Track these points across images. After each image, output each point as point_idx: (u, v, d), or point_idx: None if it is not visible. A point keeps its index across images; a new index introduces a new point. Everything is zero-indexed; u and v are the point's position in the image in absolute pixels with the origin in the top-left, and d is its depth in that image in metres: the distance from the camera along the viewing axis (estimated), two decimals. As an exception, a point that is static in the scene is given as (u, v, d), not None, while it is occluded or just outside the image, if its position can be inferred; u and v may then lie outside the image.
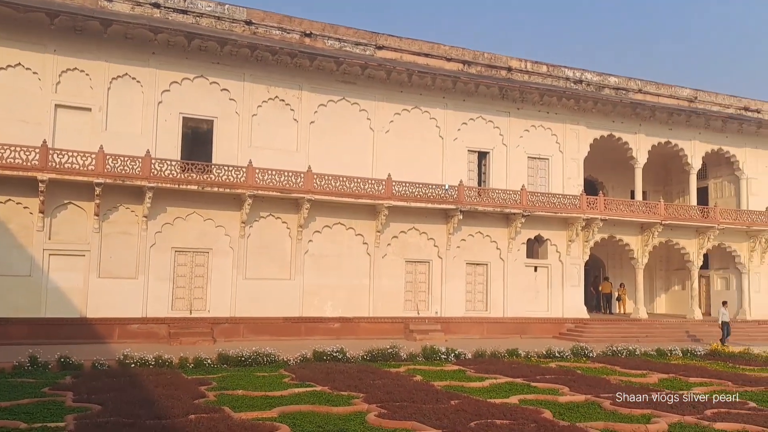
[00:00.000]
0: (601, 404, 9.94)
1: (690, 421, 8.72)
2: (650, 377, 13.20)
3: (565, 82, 27.02)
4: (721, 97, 30.04)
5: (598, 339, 21.72)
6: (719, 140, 28.43)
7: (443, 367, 14.21)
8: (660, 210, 25.99)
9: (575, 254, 25.25)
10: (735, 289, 28.81)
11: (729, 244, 27.92)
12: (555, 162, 25.67)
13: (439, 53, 25.37)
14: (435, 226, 23.13)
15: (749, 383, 12.49)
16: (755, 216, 27.80)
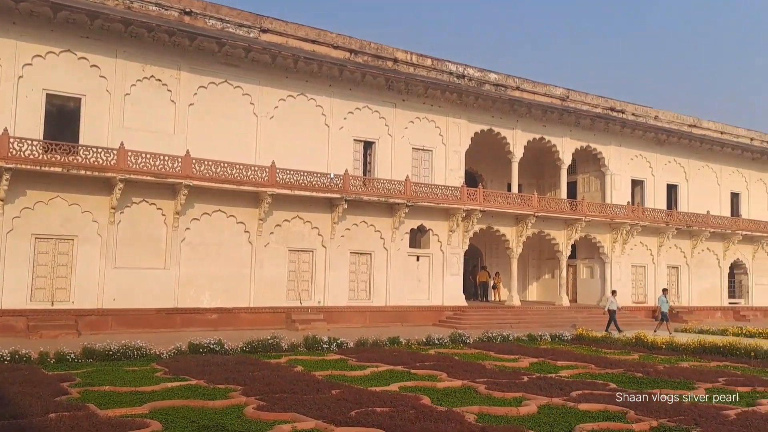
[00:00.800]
0: (476, 389, 10.28)
1: (557, 403, 9.22)
2: (522, 362, 13.86)
3: (449, 77, 27.71)
4: (590, 97, 32.09)
5: (475, 326, 22.58)
6: (588, 138, 30.40)
7: (325, 357, 14.15)
8: (534, 203, 27.40)
9: (456, 244, 26.07)
10: (598, 278, 31.03)
11: (594, 235, 29.98)
12: (438, 154, 26.31)
13: (326, 40, 25.14)
14: (319, 215, 22.99)
15: (610, 366, 13.43)
16: (618, 209, 30.03)
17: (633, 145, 31.90)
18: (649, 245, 31.72)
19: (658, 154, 32.83)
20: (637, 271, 31.58)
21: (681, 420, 8.14)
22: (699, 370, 13.04)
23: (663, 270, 32.21)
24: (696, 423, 8.00)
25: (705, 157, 34.62)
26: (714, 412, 8.64)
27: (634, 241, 30.92)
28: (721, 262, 34.34)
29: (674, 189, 33.72)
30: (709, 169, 34.94)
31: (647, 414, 8.46)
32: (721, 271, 34.40)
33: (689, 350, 16.50)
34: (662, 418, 8.20)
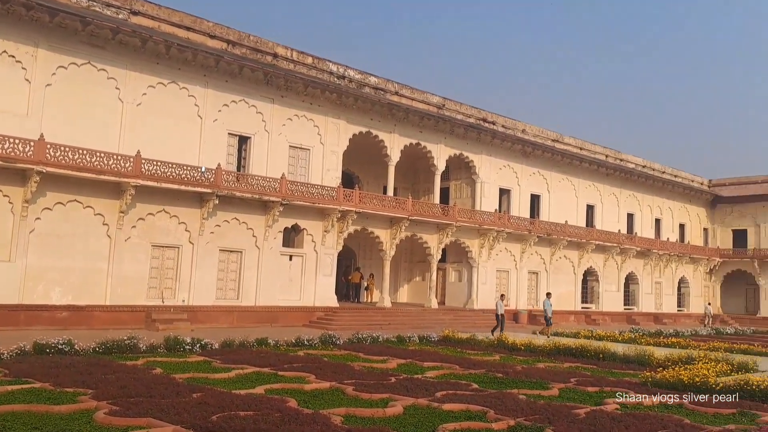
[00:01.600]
0: (344, 390, 10.24)
1: (422, 404, 9.39)
2: (390, 363, 14.03)
3: (329, 76, 27.66)
4: (465, 107, 33.34)
5: (346, 327, 22.64)
6: (461, 146, 31.57)
7: (187, 359, 13.51)
8: (408, 206, 27.99)
9: (330, 244, 26.02)
10: (466, 281, 32.28)
11: (464, 240, 31.15)
12: (316, 153, 26.15)
13: (202, 29, 24.21)
14: (188, 209, 22.05)
15: (473, 366, 13.92)
16: (486, 216, 31.42)
17: (502, 156, 33.54)
18: (513, 251, 33.47)
19: (524, 166, 34.76)
20: (501, 276, 33.20)
21: (536, 419, 8.56)
22: (553, 371, 13.85)
23: (524, 275, 34.12)
24: (549, 422, 8.44)
25: (565, 171, 37.14)
26: (566, 411, 9.16)
27: (499, 247, 32.48)
28: (576, 269, 36.94)
29: (537, 199, 35.86)
30: (569, 182, 37.53)
31: (506, 413, 8.82)
32: (576, 277, 37.02)
33: (545, 352, 17.51)
34: (519, 417, 8.58)
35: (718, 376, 12.79)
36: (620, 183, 40.88)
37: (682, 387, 11.86)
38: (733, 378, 12.20)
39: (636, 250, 39.43)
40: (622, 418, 8.88)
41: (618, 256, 39.06)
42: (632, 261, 40.11)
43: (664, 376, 12.48)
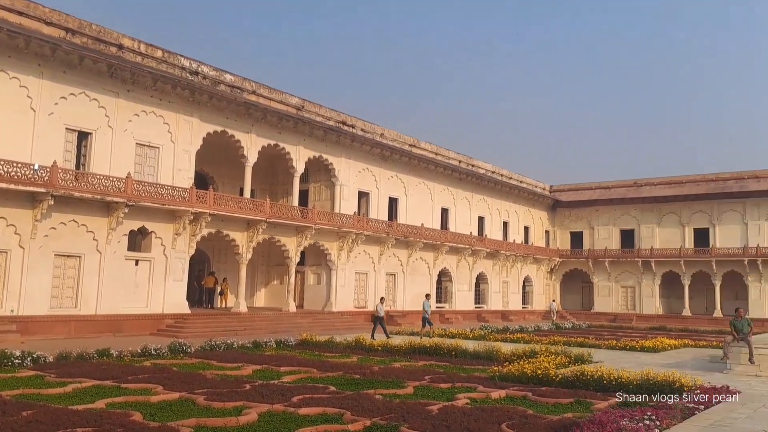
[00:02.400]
0: (195, 400, 9.81)
1: (278, 409, 9.22)
2: (245, 369, 13.67)
3: (181, 71, 26.50)
4: (324, 110, 33.40)
5: (198, 334, 21.77)
6: (321, 148, 31.59)
7: (16, 374, 12.27)
8: (266, 208, 27.50)
9: (181, 248, 24.92)
10: (325, 284, 32.32)
11: (323, 242, 31.17)
12: (166, 152, 24.93)
13: (37, 14, 22.18)
14: (18, 210, 20.08)
15: (331, 369, 13.94)
16: (345, 219, 31.67)
17: (361, 159, 34.02)
18: (372, 254, 34.03)
19: (382, 169, 35.50)
20: (359, 278, 33.62)
21: (391, 418, 8.72)
22: (409, 370, 14.22)
23: (383, 277, 34.82)
24: (404, 419, 8.64)
25: (422, 175, 38.44)
26: (420, 408, 9.42)
27: (358, 249, 32.88)
28: (431, 270, 38.31)
29: (395, 202, 36.77)
30: (425, 186, 38.88)
31: (362, 414, 8.90)
32: (431, 278, 38.39)
33: (402, 351, 17.96)
34: (375, 417, 8.69)
35: (558, 368, 13.80)
36: (472, 187, 43.04)
37: (526, 379, 12.68)
38: (571, 369, 13.22)
39: (486, 251, 41.67)
40: (471, 411, 9.29)
41: (470, 257, 41.06)
42: (483, 262, 42.36)
43: (510, 370, 13.26)
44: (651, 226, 48.16)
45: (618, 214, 49.80)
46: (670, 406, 9.35)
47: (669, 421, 8.50)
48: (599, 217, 50.69)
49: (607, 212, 50.27)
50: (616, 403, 10.34)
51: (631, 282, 48.18)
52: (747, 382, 13.31)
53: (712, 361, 17.09)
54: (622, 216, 49.68)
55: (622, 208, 49.56)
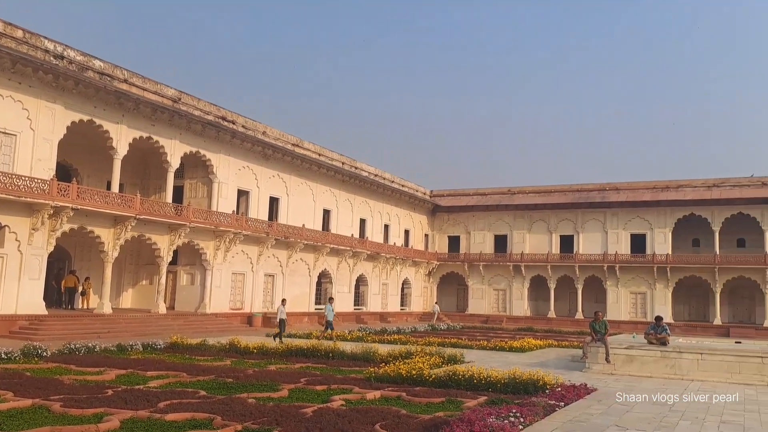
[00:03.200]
0: (50, 407, 9.14)
1: (143, 416, 8.79)
2: (107, 374, 12.92)
3: (45, 54, 24.63)
4: (203, 103, 32.34)
5: (56, 337, 20.34)
6: (198, 143, 30.54)
7: None
8: (136, 204, 26.17)
9: (38, 244, 23.16)
10: (199, 285, 31.26)
11: (198, 241, 30.15)
12: (24, 140, 23.09)
13: None
14: None
15: (202, 373, 13.49)
16: (223, 217, 30.82)
17: (241, 156, 33.27)
18: (250, 254, 33.37)
19: (263, 168, 34.92)
20: (236, 279, 32.84)
21: (264, 421, 8.58)
22: (285, 372, 14.06)
23: (261, 278, 34.23)
24: (277, 423, 8.53)
25: (304, 175, 38.23)
26: (294, 411, 9.34)
27: (236, 249, 32.12)
28: (311, 272, 38.17)
29: (276, 202, 36.28)
30: (307, 186, 38.69)
31: (234, 418, 8.69)
32: (311, 279, 38.26)
33: (278, 354, 17.73)
34: (247, 422, 8.52)
35: (432, 368, 14.21)
36: (355, 189, 43.39)
37: (401, 380, 12.95)
38: (444, 370, 13.65)
39: (367, 253, 42.15)
40: (346, 413, 9.34)
41: (351, 259, 41.35)
42: (363, 264, 42.80)
43: (386, 371, 13.48)
44: (522, 231, 50.84)
45: (493, 219, 52.15)
46: (534, 404, 9.89)
47: (532, 417, 8.99)
48: (476, 222, 52.83)
49: (483, 218, 52.50)
50: (484, 401, 10.79)
51: (503, 285, 50.60)
52: (603, 380, 14.36)
53: (573, 361, 18.30)
54: (496, 222, 52.07)
55: (496, 214, 51.95)
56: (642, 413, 10.15)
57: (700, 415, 10.16)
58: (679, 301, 47.09)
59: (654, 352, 15.83)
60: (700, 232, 47.00)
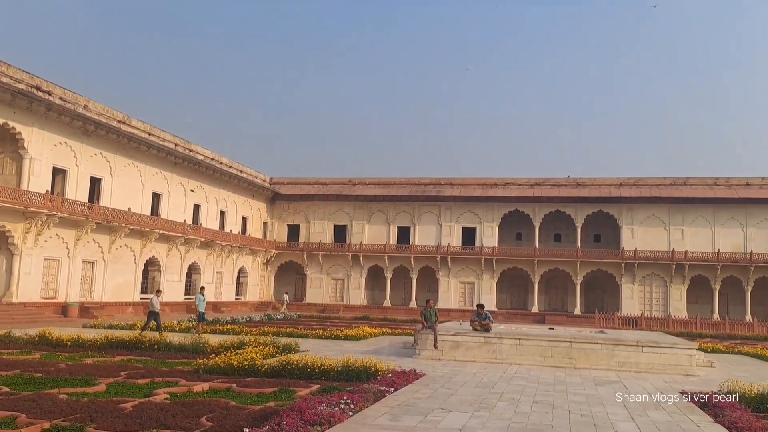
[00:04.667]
0: None
1: (-73, 418, 7.82)
2: None
3: None
4: (14, 70, 29.16)
5: None
6: (7, 114, 27.62)
7: None
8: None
9: None
10: (5, 271, 28.31)
11: (4, 224, 27.31)
12: None
13: None
14: None
15: (6, 367, 12.28)
16: (35, 197, 28.13)
17: (59, 131, 30.58)
18: (66, 238, 30.84)
19: (84, 145, 32.37)
20: (50, 265, 30.19)
21: (76, 418, 7.99)
22: (103, 366, 13.18)
23: (79, 264, 31.78)
24: (92, 419, 7.99)
25: (132, 155, 35.99)
26: (111, 406, 8.79)
27: (50, 233, 29.53)
28: (137, 259, 36.10)
29: (99, 182, 33.81)
30: (135, 168, 36.48)
31: (41, 416, 8.01)
32: (137, 267, 36.19)
33: (96, 346, 16.57)
34: (57, 419, 7.89)
35: (265, 358, 14.07)
36: (189, 173, 41.66)
37: (232, 371, 12.68)
38: (277, 359, 13.57)
39: (200, 240, 40.70)
40: (170, 407, 8.97)
41: (182, 246, 39.69)
42: (196, 251, 41.29)
43: (216, 362, 13.13)
44: (362, 222, 51.93)
45: (333, 209, 52.70)
46: (365, 390, 10.15)
47: (362, 404, 9.22)
48: (316, 212, 53.08)
49: (324, 207, 52.88)
50: (317, 390, 10.89)
51: (341, 275, 51.37)
52: (432, 366, 15.09)
53: (405, 348, 19.05)
54: (336, 212, 52.69)
55: (337, 204, 52.56)
56: (465, 396, 10.81)
57: (516, 396, 11.02)
58: (502, 290, 50.80)
59: (478, 339, 16.91)
60: (523, 227, 51.01)
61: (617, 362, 15.92)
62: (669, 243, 46.83)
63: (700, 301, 46.32)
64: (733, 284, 45.75)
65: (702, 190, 47.23)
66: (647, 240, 47.29)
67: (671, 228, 47.27)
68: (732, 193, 46.53)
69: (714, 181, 48.15)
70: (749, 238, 45.93)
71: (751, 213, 46.16)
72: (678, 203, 46.99)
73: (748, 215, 46.19)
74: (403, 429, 8.03)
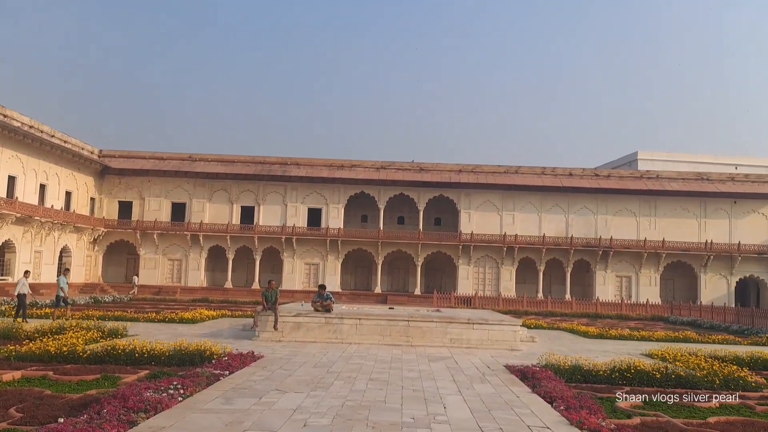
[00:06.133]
0: None
1: None
2: None
3: None
4: None
5: None
6: None
7: None
8: None
9: None
10: None
11: None
12: None
13: None
14: None
15: None
16: None
17: None
18: None
19: None
20: None
21: None
22: None
23: None
24: None
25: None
26: None
27: None
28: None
29: None
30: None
31: None
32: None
33: None
34: None
35: (88, 343, 13.21)
36: (2, 141, 37.73)
37: (49, 358, 11.77)
38: (101, 345, 12.75)
39: (16, 216, 37.09)
40: (-31, 399, 8.13)
41: (-6, 222, 36.04)
42: (10, 228, 37.64)
43: (30, 348, 12.11)
44: (202, 200, 50.16)
45: (171, 186, 50.36)
46: (198, 374, 9.84)
47: (194, 388, 8.93)
48: (151, 188, 50.43)
49: (161, 184, 50.36)
50: (145, 376, 10.40)
51: (178, 255, 49.38)
52: (271, 347, 14.97)
53: (245, 330, 18.73)
54: (174, 189, 50.41)
55: (175, 181, 50.27)
56: (302, 376, 10.85)
57: (353, 374, 11.25)
58: (347, 271, 51.62)
59: (319, 319, 17.03)
60: (368, 209, 52.05)
61: (450, 339, 16.78)
62: (501, 227, 50.05)
63: (527, 281, 50.13)
64: (556, 266, 49.99)
65: (531, 179, 50.88)
66: (483, 224, 50.21)
67: (504, 213, 50.53)
68: (557, 182, 50.60)
69: (542, 171, 52.04)
70: (570, 224, 50.32)
71: (572, 201, 50.55)
72: (510, 190, 50.29)
73: (570, 203, 50.55)
74: (235, 412, 7.89)
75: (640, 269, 49.45)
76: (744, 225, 50.05)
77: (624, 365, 11.83)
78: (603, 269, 49.49)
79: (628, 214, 50.49)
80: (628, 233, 49.95)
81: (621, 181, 51.55)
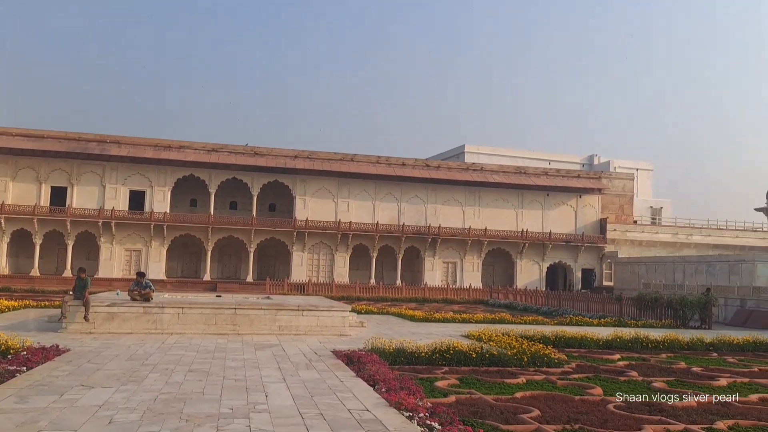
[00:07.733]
0: None
1: None
2: None
3: None
4: None
5: None
6: None
7: None
8: None
9: None
10: None
11: None
12: None
13: None
14: None
15: None
16: None
17: None
18: None
19: None
20: None
21: None
22: None
23: None
24: None
25: None
26: None
27: None
28: None
29: None
30: None
31: None
32: None
33: None
34: None
35: None
36: None
37: None
38: None
39: None
40: None
41: None
42: None
43: None
44: (5, 179, 45.49)
45: (-34, 162, 45.05)
46: (-12, 371, 8.85)
47: (-18, 386, 8.01)
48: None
49: (-47, 159, 44.82)
50: None
51: (-25, 240, 44.40)
52: (80, 340, 13.87)
53: (51, 321, 17.24)
54: (-29, 165, 45.14)
55: (-28, 156, 45.00)
56: (113, 370, 10.14)
57: (170, 366, 10.72)
58: (173, 258, 49.42)
59: (136, 309, 16.06)
60: (198, 193, 50.12)
61: (279, 326, 16.61)
62: (336, 214, 50.56)
63: (361, 267, 51.16)
64: (388, 252, 51.51)
65: (366, 167, 51.81)
66: (318, 211, 50.38)
67: (339, 200, 51.08)
68: (391, 171, 52.01)
69: (377, 159, 53.19)
70: (402, 211, 52.05)
71: (405, 190, 52.28)
72: (346, 177, 50.92)
73: (403, 191, 52.25)
74: (30, 411, 7.17)
75: (465, 256, 52.39)
76: (555, 215, 54.81)
77: (444, 347, 12.41)
78: (432, 256, 51.78)
79: (455, 203, 53.19)
80: (455, 221, 52.66)
81: (449, 172, 54.10)
